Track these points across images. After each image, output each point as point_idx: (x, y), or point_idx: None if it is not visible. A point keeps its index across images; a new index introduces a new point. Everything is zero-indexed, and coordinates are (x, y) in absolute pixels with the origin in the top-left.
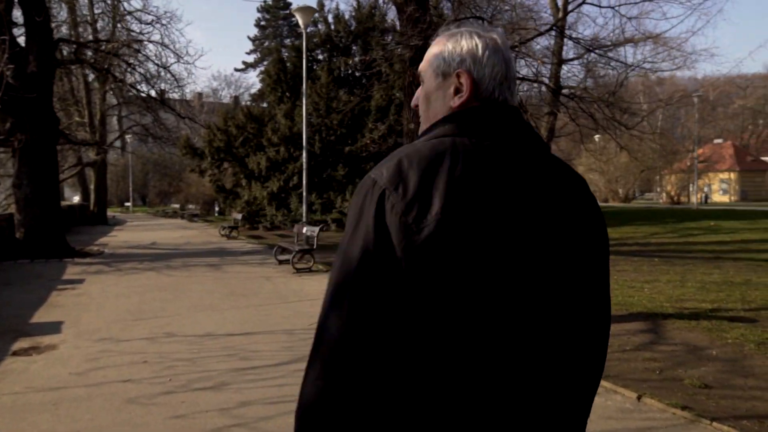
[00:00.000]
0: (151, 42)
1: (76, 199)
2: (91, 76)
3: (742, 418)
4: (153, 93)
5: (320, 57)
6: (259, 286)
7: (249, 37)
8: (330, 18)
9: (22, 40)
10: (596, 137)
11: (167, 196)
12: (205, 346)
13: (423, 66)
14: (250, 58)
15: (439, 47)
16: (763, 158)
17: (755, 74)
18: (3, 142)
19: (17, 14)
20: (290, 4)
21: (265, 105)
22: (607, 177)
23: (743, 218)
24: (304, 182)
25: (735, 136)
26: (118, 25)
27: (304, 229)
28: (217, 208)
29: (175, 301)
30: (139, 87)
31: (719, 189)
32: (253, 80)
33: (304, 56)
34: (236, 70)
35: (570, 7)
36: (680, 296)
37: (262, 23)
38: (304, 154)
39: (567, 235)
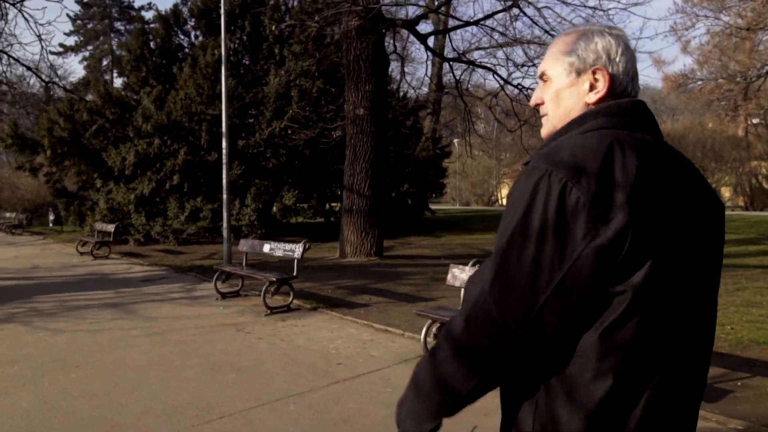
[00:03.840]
0: None
1: None
2: None
3: None
4: None
5: (196, 34)
6: (241, 347)
7: (69, 16)
8: None
9: None
10: (455, 141)
11: None
12: None
13: (548, 65)
14: (71, 41)
15: (569, 45)
16: None
17: None
18: None
19: None
20: None
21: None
22: (470, 180)
23: None
24: (224, 183)
25: None
26: None
27: (267, 247)
28: (52, 217)
29: (108, 404)
30: None
31: None
32: (74, 67)
33: (222, 15)
34: (52, 53)
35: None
36: None
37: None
38: (224, 144)
39: (710, 222)
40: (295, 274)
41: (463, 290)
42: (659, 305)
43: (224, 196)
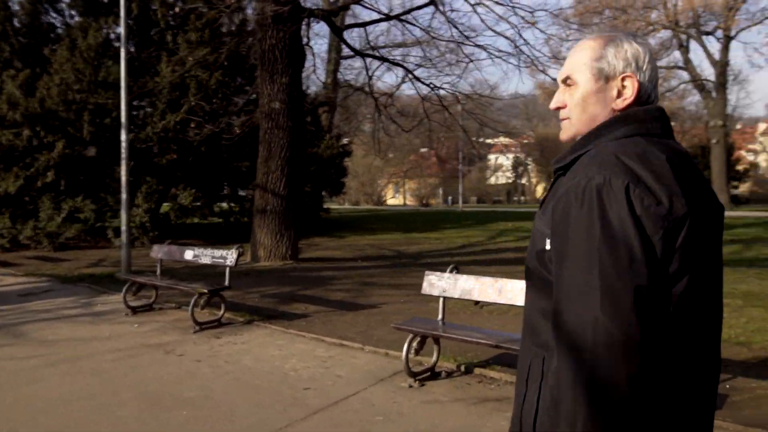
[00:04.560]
0: None
1: None
2: None
3: None
4: None
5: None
6: (178, 373)
7: None
8: None
9: None
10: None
11: None
12: None
13: (573, 68)
14: None
15: (597, 51)
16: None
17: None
18: None
19: None
20: None
21: None
22: (360, 179)
23: (491, 219)
24: (123, 180)
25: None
26: None
27: (190, 254)
28: None
29: None
30: None
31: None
32: None
33: None
34: None
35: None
36: None
37: None
38: (123, 137)
39: (717, 221)
40: (227, 283)
41: (553, 324)
42: (694, 300)
43: (123, 196)
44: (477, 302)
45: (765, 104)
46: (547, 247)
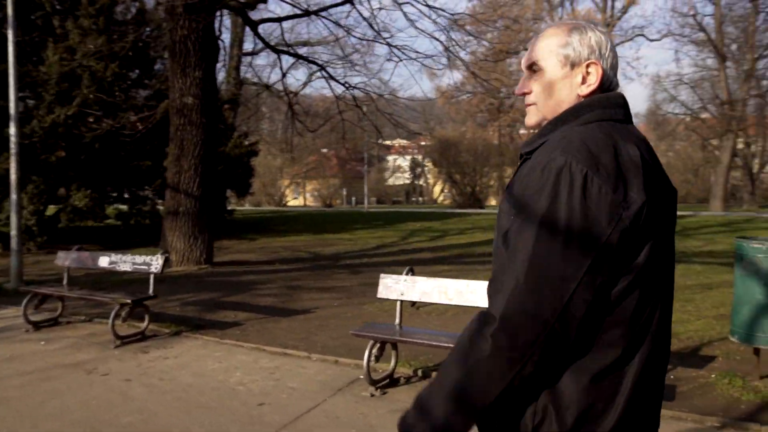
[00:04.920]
0: None
1: None
2: None
3: None
4: None
5: None
6: (108, 396)
7: None
8: None
9: None
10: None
11: None
12: None
13: (540, 55)
14: None
15: (562, 38)
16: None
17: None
18: None
19: None
20: None
21: None
22: (262, 180)
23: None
24: (12, 180)
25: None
26: None
27: (106, 260)
28: None
29: None
30: None
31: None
32: None
33: None
34: None
35: None
36: None
37: None
38: (12, 131)
39: (671, 204)
40: (151, 292)
41: (487, 289)
42: (651, 279)
43: (13, 197)
44: (413, 303)
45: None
46: (511, 226)
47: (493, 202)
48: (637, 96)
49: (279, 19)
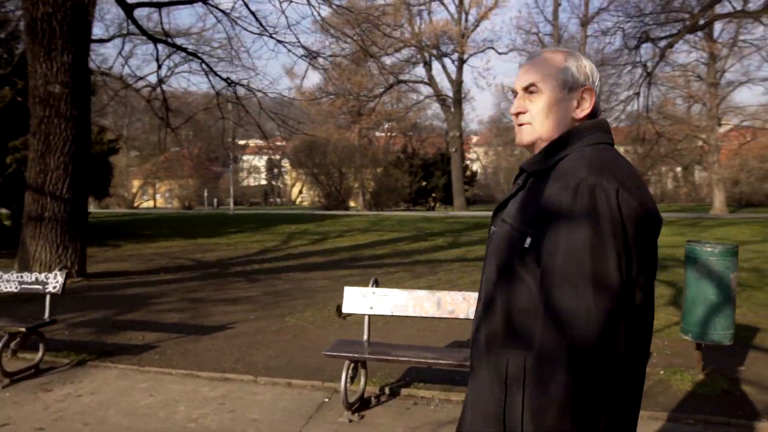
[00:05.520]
0: None
1: None
2: None
3: None
4: None
5: None
6: None
7: None
8: None
9: None
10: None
11: None
12: None
13: (539, 78)
14: None
15: (560, 63)
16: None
17: None
18: None
19: None
20: None
21: None
22: (114, 180)
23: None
24: None
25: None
26: None
27: None
28: None
29: None
30: None
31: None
32: None
33: None
34: None
35: None
36: None
37: None
38: None
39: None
40: (47, 317)
41: (543, 308)
42: (648, 292)
43: None
44: (340, 314)
45: (478, 120)
46: (526, 245)
47: (353, 204)
48: (486, 104)
49: (159, 5)
